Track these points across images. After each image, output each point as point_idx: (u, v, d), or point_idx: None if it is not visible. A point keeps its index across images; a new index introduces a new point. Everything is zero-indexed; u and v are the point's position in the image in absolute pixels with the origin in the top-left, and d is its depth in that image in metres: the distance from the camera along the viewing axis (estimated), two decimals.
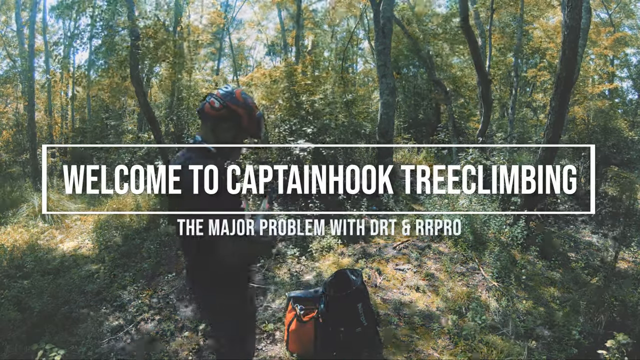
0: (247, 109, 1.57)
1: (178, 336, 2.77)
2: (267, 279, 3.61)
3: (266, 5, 16.43)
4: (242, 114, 1.56)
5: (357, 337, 2.52)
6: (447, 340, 2.73)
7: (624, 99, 12.85)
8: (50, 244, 4.42)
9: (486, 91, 7.56)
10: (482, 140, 7.26)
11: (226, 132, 1.58)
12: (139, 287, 3.43)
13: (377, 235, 4.74)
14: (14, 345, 2.53)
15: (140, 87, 7.20)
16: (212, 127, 1.57)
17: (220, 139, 1.58)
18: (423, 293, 3.36)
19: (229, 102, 1.54)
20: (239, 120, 1.57)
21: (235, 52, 20.38)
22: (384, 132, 6.53)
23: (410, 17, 12.29)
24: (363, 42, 19.15)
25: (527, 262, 3.96)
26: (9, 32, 13.06)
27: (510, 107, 10.73)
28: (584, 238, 4.86)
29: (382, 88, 6.66)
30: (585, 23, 6.88)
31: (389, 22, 6.61)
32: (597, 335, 2.59)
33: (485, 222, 4.68)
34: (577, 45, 4.41)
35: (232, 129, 1.58)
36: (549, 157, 4.61)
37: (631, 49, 14.88)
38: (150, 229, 4.85)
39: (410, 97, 13.68)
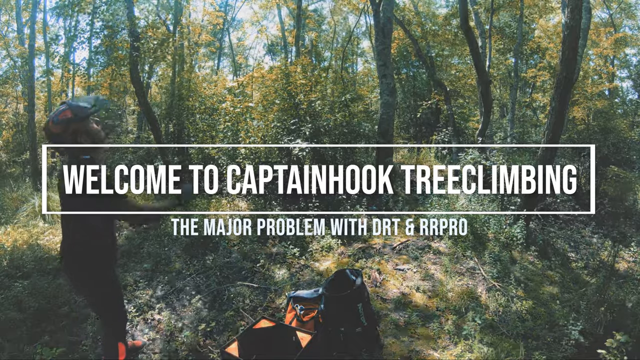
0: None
1: (178, 336, 2.77)
2: (267, 279, 3.61)
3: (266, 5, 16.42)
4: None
5: (357, 337, 2.52)
6: (447, 340, 2.73)
7: (623, 99, 12.86)
8: (50, 244, 4.42)
9: (486, 91, 7.56)
10: (482, 140, 7.26)
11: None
12: (139, 287, 3.43)
13: (377, 235, 4.74)
14: (14, 345, 2.53)
15: (140, 87, 7.21)
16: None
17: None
18: (423, 293, 3.36)
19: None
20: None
21: (234, 51, 20.39)
22: (384, 132, 6.53)
23: (410, 18, 12.30)
24: (363, 42, 19.17)
25: (527, 262, 3.96)
26: (10, 32, 13.06)
27: (510, 107, 10.75)
28: (584, 238, 4.86)
29: (382, 88, 6.66)
30: (585, 23, 6.88)
31: (389, 22, 6.62)
32: (597, 335, 2.59)
33: (485, 222, 4.68)
34: (577, 45, 4.41)
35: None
36: (549, 157, 4.61)
37: (631, 49, 14.89)
38: (150, 229, 4.85)
39: (410, 97, 13.69)
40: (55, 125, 1.85)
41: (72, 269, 2.00)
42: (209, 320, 2.96)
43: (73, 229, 1.95)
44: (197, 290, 3.40)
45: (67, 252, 1.99)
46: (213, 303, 3.23)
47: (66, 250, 1.99)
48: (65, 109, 1.88)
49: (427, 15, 12.98)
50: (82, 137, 1.90)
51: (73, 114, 1.87)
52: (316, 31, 17.95)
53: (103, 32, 7.50)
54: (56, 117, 1.85)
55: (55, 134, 1.86)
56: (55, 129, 1.86)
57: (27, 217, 5.41)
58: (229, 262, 3.89)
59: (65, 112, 1.87)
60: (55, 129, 1.86)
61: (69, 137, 1.87)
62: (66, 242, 2.00)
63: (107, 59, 9.56)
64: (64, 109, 1.88)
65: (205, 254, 3.98)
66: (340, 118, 6.26)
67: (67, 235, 1.99)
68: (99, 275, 2.01)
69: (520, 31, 10.53)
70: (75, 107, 1.89)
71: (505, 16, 12.57)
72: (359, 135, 6.51)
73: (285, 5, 15.23)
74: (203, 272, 3.68)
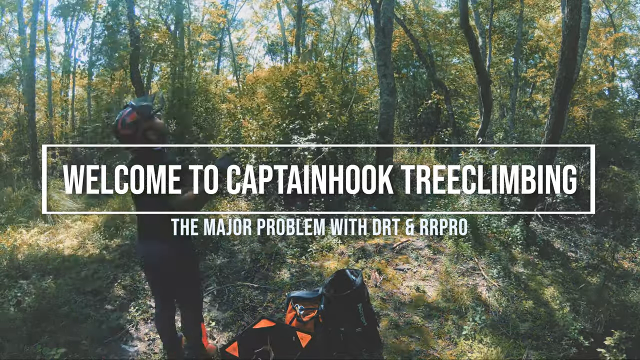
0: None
1: None
2: (267, 279, 3.61)
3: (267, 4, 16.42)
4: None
5: (357, 337, 2.52)
6: (447, 340, 2.73)
7: (623, 99, 12.85)
8: (50, 244, 4.42)
9: (486, 91, 7.56)
10: (482, 140, 7.26)
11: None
12: (139, 287, 3.43)
13: (377, 235, 4.74)
14: (14, 345, 2.53)
15: (140, 87, 7.21)
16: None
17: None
18: (423, 293, 3.36)
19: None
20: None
21: (234, 51, 20.39)
22: (384, 132, 6.53)
23: (411, 17, 12.29)
24: (363, 42, 19.17)
25: (527, 262, 3.96)
26: (12, 32, 13.06)
27: (510, 107, 10.74)
28: (584, 238, 4.86)
29: (382, 88, 6.66)
30: (585, 23, 6.88)
31: (389, 22, 6.62)
32: (597, 335, 2.59)
33: (485, 222, 4.67)
34: (577, 45, 4.41)
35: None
36: (549, 157, 4.61)
37: (631, 49, 14.88)
38: None
39: (410, 97, 13.68)
40: (125, 129, 1.98)
41: (168, 268, 2.07)
42: (209, 320, 2.96)
43: (162, 229, 2.04)
44: None
45: (159, 254, 2.05)
46: (213, 303, 3.23)
47: (157, 252, 2.05)
48: (132, 112, 1.99)
49: (428, 14, 12.97)
50: (150, 133, 2.02)
51: (140, 114, 1.99)
52: (316, 31, 17.95)
53: (104, 32, 7.51)
54: (125, 120, 1.97)
55: (126, 135, 1.99)
56: (126, 131, 1.98)
57: (27, 217, 5.41)
58: (229, 262, 3.89)
59: (132, 115, 1.98)
60: (125, 132, 1.98)
61: (140, 136, 1.99)
62: (156, 244, 2.06)
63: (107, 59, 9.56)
64: (130, 111, 1.99)
65: (205, 254, 3.98)
66: (344, 119, 6.26)
67: (153, 236, 2.07)
68: (195, 271, 2.27)
69: (520, 31, 10.53)
70: (140, 108, 2.01)
71: (505, 16, 12.56)
72: (359, 135, 6.51)
73: (286, 4, 15.23)
74: (203, 272, 3.68)
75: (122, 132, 1.99)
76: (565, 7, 4.34)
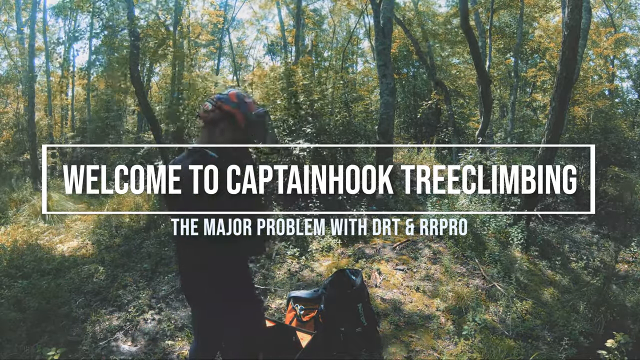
0: (242, 109, 1.54)
1: (178, 336, 2.77)
2: (267, 279, 3.61)
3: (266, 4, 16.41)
4: (235, 114, 1.53)
5: (357, 337, 2.52)
6: (447, 340, 2.73)
7: (624, 99, 12.84)
8: (50, 244, 4.42)
9: (486, 91, 7.56)
10: (482, 140, 7.26)
11: (221, 135, 1.54)
12: (139, 287, 3.43)
13: (377, 235, 4.74)
14: (14, 345, 2.53)
15: (140, 87, 7.21)
16: (208, 131, 1.57)
17: (216, 141, 1.55)
18: (423, 293, 3.36)
19: (221, 103, 1.52)
20: (234, 121, 1.53)
21: (234, 51, 20.39)
22: (384, 132, 6.53)
23: (411, 17, 12.29)
24: (363, 42, 19.17)
25: (527, 262, 3.96)
26: (10, 32, 13.05)
27: (510, 107, 10.74)
28: (584, 238, 4.86)
29: (382, 88, 6.66)
30: (585, 23, 6.88)
31: (389, 22, 6.62)
32: (597, 335, 2.59)
33: (485, 222, 4.67)
34: (577, 45, 4.41)
35: (228, 131, 1.54)
36: (549, 157, 4.61)
37: (631, 49, 14.88)
38: (150, 229, 4.85)
39: (410, 97, 13.68)
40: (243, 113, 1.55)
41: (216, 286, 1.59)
42: None
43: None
44: None
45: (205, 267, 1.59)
46: None
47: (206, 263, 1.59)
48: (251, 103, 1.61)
49: (428, 14, 12.97)
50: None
51: (246, 116, 1.59)
52: (316, 31, 17.96)
53: (103, 32, 7.51)
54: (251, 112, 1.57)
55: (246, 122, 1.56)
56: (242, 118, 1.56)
57: (27, 217, 5.41)
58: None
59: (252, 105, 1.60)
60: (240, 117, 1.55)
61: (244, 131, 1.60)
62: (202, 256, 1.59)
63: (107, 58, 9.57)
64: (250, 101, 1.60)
65: None
66: (340, 118, 6.25)
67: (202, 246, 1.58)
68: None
69: (520, 31, 10.52)
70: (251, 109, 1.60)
71: (505, 16, 12.56)
72: (359, 135, 6.51)
73: (285, 5, 15.23)
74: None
75: (239, 116, 1.53)
76: (565, 7, 4.34)
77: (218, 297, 1.57)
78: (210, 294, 1.57)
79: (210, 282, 1.55)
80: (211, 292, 1.56)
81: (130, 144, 9.31)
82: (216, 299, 1.58)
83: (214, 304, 1.60)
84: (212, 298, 1.58)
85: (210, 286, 1.55)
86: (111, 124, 9.90)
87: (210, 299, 1.58)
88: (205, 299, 1.60)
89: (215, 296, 1.57)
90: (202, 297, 1.61)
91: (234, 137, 1.56)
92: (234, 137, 1.56)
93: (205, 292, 1.57)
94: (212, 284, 1.55)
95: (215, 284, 1.55)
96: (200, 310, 1.68)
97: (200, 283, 1.58)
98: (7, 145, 11.02)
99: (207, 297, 1.58)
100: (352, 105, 6.98)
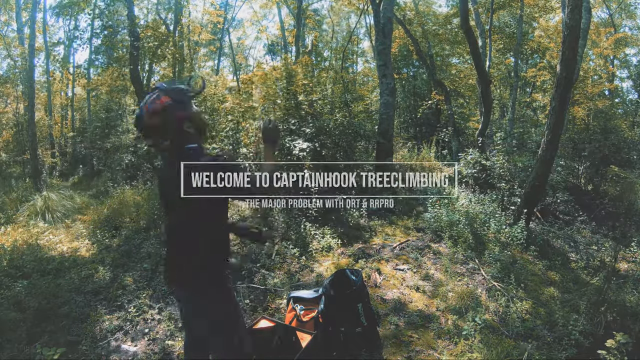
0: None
1: (178, 336, 2.77)
2: (267, 279, 3.61)
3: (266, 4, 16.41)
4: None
5: (357, 337, 2.52)
6: (447, 340, 2.73)
7: (624, 99, 12.85)
8: (50, 244, 4.42)
9: (486, 91, 7.56)
10: (482, 140, 7.26)
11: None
12: (139, 287, 3.43)
13: (377, 235, 4.74)
14: (14, 345, 2.53)
15: (140, 87, 7.21)
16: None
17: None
18: (423, 293, 3.36)
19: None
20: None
21: (234, 51, 20.39)
22: (384, 132, 6.53)
23: (411, 17, 12.29)
24: (363, 42, 19.17)
25: (527, 262, 3.96)
26: (10, 32, 13.05)
27: (510, 107, 10.74)
28: (584, 238, 4.86)
29: (382, 88, 6.66)
30: (585, 23, 6.88)
31: (389, 22, 6.61)
32: (597, 335, 2.59)
33: (485, 222, 4.67)
34: (577, 45, 4.41)
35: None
36: (549, 157, 4.60)
37: (631, 49, 14.89)
38: (150, 229, 4.85)
39: (410, 97, 13.68)
40: (152, 117, 1.49)
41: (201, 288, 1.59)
42: None
43: (203, 241, 1.56)
44: None
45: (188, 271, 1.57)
46: None
47: (188, 268, 1.57)
48: (161, 95, 1.51)
49: (428, 14, 12.98)
50: (187, 125, 1.55)
51: (172, 99, 1.52)
52: (316, 31, 17.96)
53: (103, 32, 7.51)
54: (152, 105, 1.49)
55: (154, 127, 1.50)
56: (154, 120, 1.49)
57: (27, 217, 5.41)
58: (229, 262, 3.88)
59: (162, 99, 1.51)
60: (153, 121, 1.49)
61: (173, 128, 1.51)
62: (185, 259, 1.57)
63: (107, 58, 9.56)
64: (158, 95, 1.52)
65: None
66: (340, 118, 6.25)
67: (187, 250, 1.56)
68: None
69: (520, 31, 10.52)
70: (173, 91, 1.54)
71: (505, 16, 12.56)
72: (359, 135, 6.50)
73: (285, 4, 15.23)
74: None
75: (148, 122, 1.49)
76: (565, 7, 4.34)
77: (195, 293, 1.57)
78: (187, 288, 1.58)
79: (187, 277, 1.57)
80: (188, 288, 1.58)
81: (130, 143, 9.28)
82: (194, 295, 1.58)
83: (192, 299, 1.59)
84: (191, 293, 1.58)
85: (188, 280, 1.57)
86: (111, 124, 9.89)
87: (189, 294, 1.59)
88: (183, 293, 1.62)
89: (193, 291, 1.57)
90: (180, 292, 1.63)
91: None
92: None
93: (183, 286, 1.59)
94: (188, 279, 1.57)
95: (191, 279, 1.56)
96: (184, 305, 1.68)
97: (179, 277, 1.59)
98: (7, 145, 11.02)
99: (185, 291, 1.60)
100: (352, 105, 6.97)
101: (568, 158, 6.97)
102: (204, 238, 1.55)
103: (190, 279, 1.56)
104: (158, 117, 1.49)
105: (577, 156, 6.99)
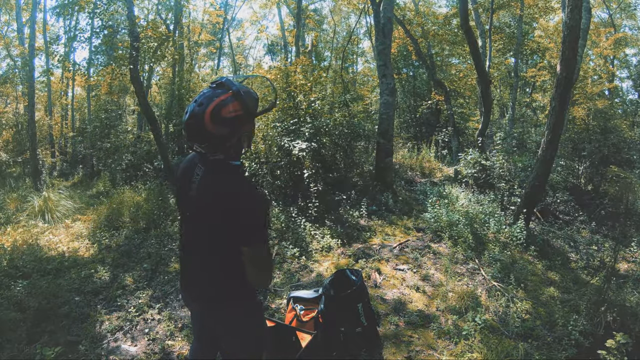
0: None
1: (178, 336, 2.77)
2: None
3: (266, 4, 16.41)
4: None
5: (357, 337, 2.52)
6: (447, 340, 2.73)
7: (624, 99, 12.86)
8: (50, 244, 4.42)
9: (486, 91, 7.56)
10: (482, 140, 7.26)
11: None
12: (139, 287, 3.43)
13: (376, 235, 4.74)
14: (14, 345, 2.53)
15: (140, 87, 7.20)
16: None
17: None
18: (423, 293, 3.36)
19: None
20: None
21: (234, 51, 20.39)
22: (384, 132, 6.53)
23: (411, 17, 12.29)
24: (363, 42, 19.16)
25: (527, 262, 3.96)
26: (10, 31, 13.04)
27: (510, 107, 10.74)
28: (584, 238, 4.86)
29: (382, 88, 6.66)
30: (585, 23, 6.88)
31: (389, 22, 6.61)
32: (597, 335, 2.59)
33: (485, 222, 4.67)
34: (577, 45, 4.41)
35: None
36: (548, 157, 4.60)
37: (631, 49, 14.90)
38: (150, 229, 4.85)
39: (410, 97, 13.68)
40: (220, 124, 1.24)
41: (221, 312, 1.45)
42: None
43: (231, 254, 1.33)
44: None
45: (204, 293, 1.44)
46: None
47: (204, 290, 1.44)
48: (235, 100, 1.26)
49: (428, 14, 12.98)
50: (245, 138, 1.36)
51: (246, 109, 1.28)
52: (316, 31, 17.96)
53: (103, 32, 7.50)
54: (224, 110, 1.24)
55: (218, 136, 1.26)
56: (221, 129, 1.25)
57: (27, 217, 5.41)
58: None
59: (235, 104, 1.26)
60: (220, 130, 1.25)
61: (235, 140, 1.31)
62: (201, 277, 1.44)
63: (107, 58, 9.55)
64: (232, 98, 1.25)
65: None
66: (340, 118, 6.24)
67: (215, 266, 1.39)
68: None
69: (520, 31, 10.53)
70: (248, 100, 1.29)
71: (505, 16, 12.56)
72: (358, 135, 6.50)
73: (285, 4, 15.22)
74: None
75: (210, 127, 1.24)
76: (565, 7, 4.34)
77: (219, 301, 1.43)
78: (210, 296, 1.44)
79: (211, 283, 1.43)
80: (211, 295, 1.43)
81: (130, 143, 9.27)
82: (216, 303, 1.44)
83: (214, 308, 1.45)
84: (212, 301, 1.44)
85: (210, 287, 1.43)
86: (111, 124, 9.88)
87: (210, 301, 1.45)
88: (204, 301, 1.47)
89: (215, 299, 1.44)
90: (201, 300, 1.49)
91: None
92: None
93: (205, 294, 1.45)
94: (213, 286, 1.43)
95: (216, 286, 1.42)
96: (200, 312, 1.56)
97: (200, 284, 1.46)
98: (7, 145, 11.02)
99: (206, 299, 1.46)
100: (352, 105, 6.96)
101: (568, 158, 6.97)
102: (232, 250, 1.32)
103: (224, 298, 1.42)
104: (225, 126, 1.25)
105: (576, 156, 6.98)
